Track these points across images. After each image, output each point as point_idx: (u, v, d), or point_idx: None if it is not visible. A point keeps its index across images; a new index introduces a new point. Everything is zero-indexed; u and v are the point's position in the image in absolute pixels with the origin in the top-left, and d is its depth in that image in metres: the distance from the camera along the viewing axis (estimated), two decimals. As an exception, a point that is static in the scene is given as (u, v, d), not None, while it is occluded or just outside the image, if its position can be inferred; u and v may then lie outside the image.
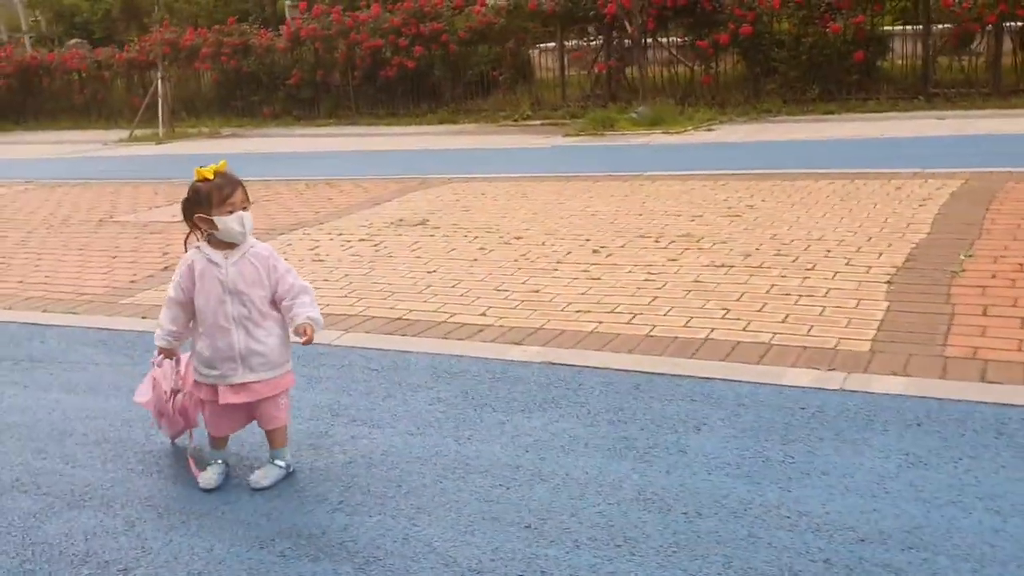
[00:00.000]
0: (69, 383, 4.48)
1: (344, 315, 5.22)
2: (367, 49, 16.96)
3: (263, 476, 3.36)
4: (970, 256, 5.17)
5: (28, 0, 35.26)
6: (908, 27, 13.32)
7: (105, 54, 21.01)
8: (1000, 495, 2.85)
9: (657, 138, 11.64)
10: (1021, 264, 4.95)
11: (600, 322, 4.72)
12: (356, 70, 17.34)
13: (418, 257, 6.35)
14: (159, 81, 17.19)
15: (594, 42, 15.86)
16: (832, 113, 12.57)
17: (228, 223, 3.22)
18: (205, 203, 3.23)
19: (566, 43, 16.06)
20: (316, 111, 18.14)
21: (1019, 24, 12.46)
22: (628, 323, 4.67)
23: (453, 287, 5.57)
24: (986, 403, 3.43)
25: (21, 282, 6.55)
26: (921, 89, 12.73)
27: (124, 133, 17.95)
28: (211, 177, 3.24)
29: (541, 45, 16.93)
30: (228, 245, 3.29)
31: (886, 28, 13.43)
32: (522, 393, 3.93)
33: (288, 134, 16.35)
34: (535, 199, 8.04)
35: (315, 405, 4.00)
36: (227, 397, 3.33)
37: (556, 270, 5.73)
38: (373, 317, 5.14)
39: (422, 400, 3.97)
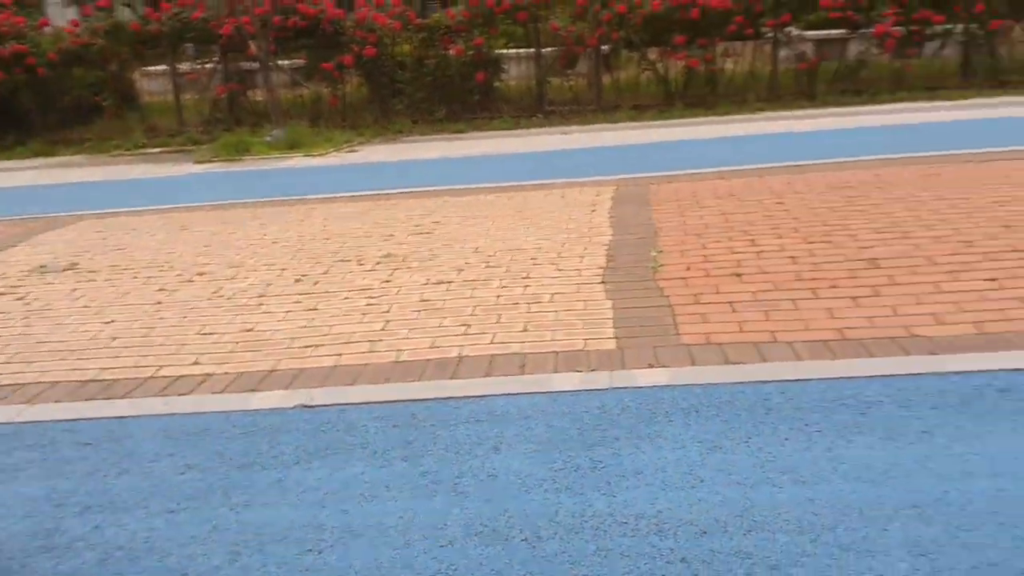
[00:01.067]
0: None
1: (15, 384, 4.31)
2: (-72, 75, 14.44)
3: None
4: (660, 252, 5.60)
5: None
6: (521, 50, 14.28)
7: None
8: (796, 466, 3.06)
9: (301, 161, 11.26)
10: (704, 256, 5.46)
11: (339, 355, 4.39)
12: (-86, 99, 14.69)
13: (85, 307, 5.46)
14: None
15: (209, 64, 14.98)
16: (462, 131, 13.07)
17: None
18: None
19: (179, 66, 14.98)
20: None
21: (607, 48, 13.93)
22: (371, 352, 4.39)
23: (146, 336, 4.86)
24: (742, 383, 3.70)
25: None
26: (538, 107, 13.73)
27: None
28: None
29: (149, 68, 15.64)
30: None
31: (501, 51, 14.29)
32: (288, 444, 3.51)
33: None
34: (198, 230, 7.34)
35: (26, 498, 3.23)
36: None
37: (262, 305, 5.24)
38: (57, 383, 4.31)
39: (168, 470, 3.37)
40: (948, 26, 12.88)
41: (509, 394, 3.78)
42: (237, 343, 4.66)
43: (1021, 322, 4.08)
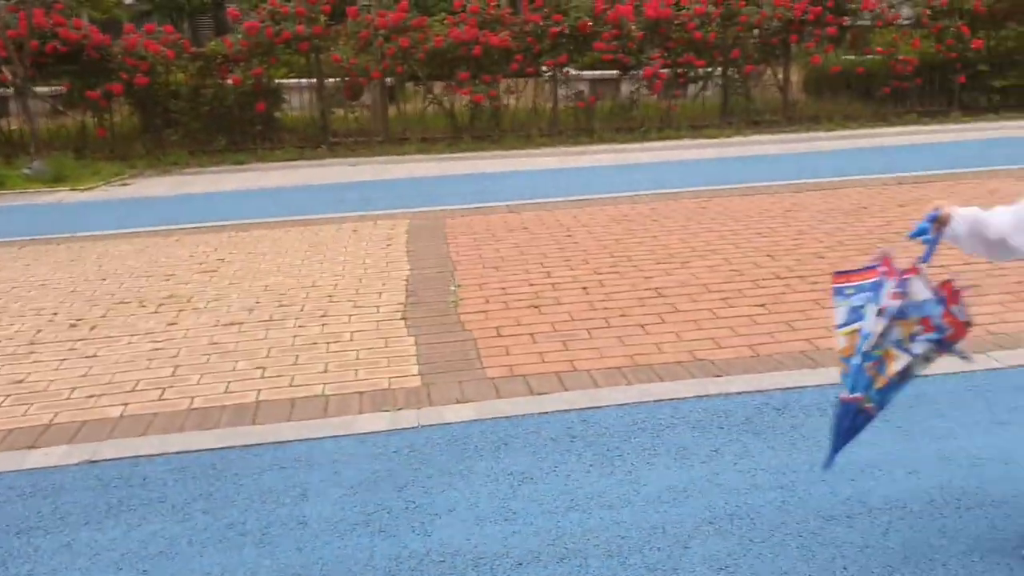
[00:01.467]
0: None
1: None
2: None
3: None
4: (459, 286, 5.67)
5: None
6: (303, 80, 14.06)
7: None
8: (602, 492, 3.19)
9: (67, 196, 10.47)
10: (503, 288, 5.60)
11: (126, 404, 4.11)
12: None
13: None
14: None
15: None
16: (243, 163, 12.65)
17: None
18: None
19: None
20: None
21: (391, 80, 14.00)
22: (160, 399, 4.15)
23: None
24: (547, 413, 3.81)
25: None
26: (322, 138, 13.54)
27: None
28: None
29: None
30: None
31: (282, 81, 14.00)
32: (74, 503, 3.24)
33: None
34: (-50, 273, 6.65)
35: None
36: None
37: (33, 353, 4.82)
38: None
39: (-69, 544, 3.02)
40: (708, 70, 14.00)
41: (314, 439, 3.69)
42: (6, 396, 4.25)
43: (788, 344, 4.47)
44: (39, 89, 13.26)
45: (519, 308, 5.21)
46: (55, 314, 5.51)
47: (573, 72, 14.02)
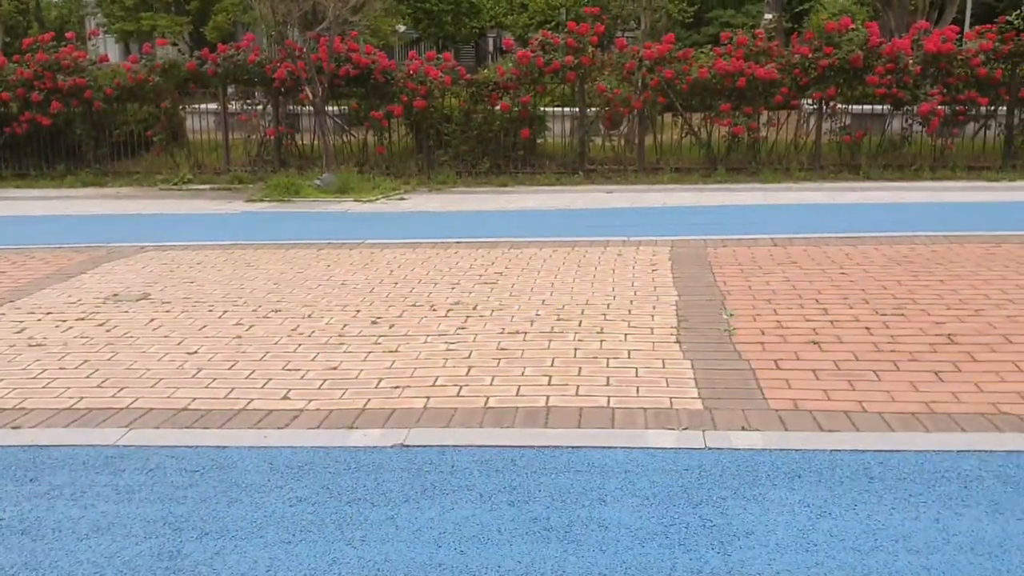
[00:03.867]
0: None
1: (111, 408, 4.40)
2: (-12, 102, 14.77)
3: None
4: (732, 315, 5.68)
5: None
6: (565, 108, 14.54)
7: None
8: (907, 535, 3.10)
9: (352, 206, 11.44)
10: (777, 321, 5.55)
11: (428, 397, 4.46)
12: (-29, 125, 15.00)
13: (166, 336, 5.56)
14: None
15: (259, 106, 15.29)
16: (506, 185, 13.26)
17: None
18: None
19: (230, 106, 15.29)
20: (-83, 169, 15.36)
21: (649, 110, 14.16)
22: (458, 396, 4.47)
23: (231, 368, 4.95)
24: (839, 451, 3.75)
25: None
26: (579, 165, 13.93)
27: None
28: None
29: (195, 106, 15.96)
30: None
31: (546, 109, 14.54)
32: (394, 482, 3.57)
33: None
34: (264, 268, 7.47)
35: (145, 520, 3.29)
36: None
37: (343, 344, 5.34)
38: (151, 409, 4.39)
39: (278, 501, 3.44)
40: (991, 108, 13.09)
41: (604, 447, 3.84)
42: (324, 380, 4.74)
43: (1108, 405, 4.13)
44: (329, 108, 14.58)
45: (797, 342, 5.14)
46: (358, 311, 6.05)
47: (840, 106, 13.57)
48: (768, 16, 23.99)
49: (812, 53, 13.06)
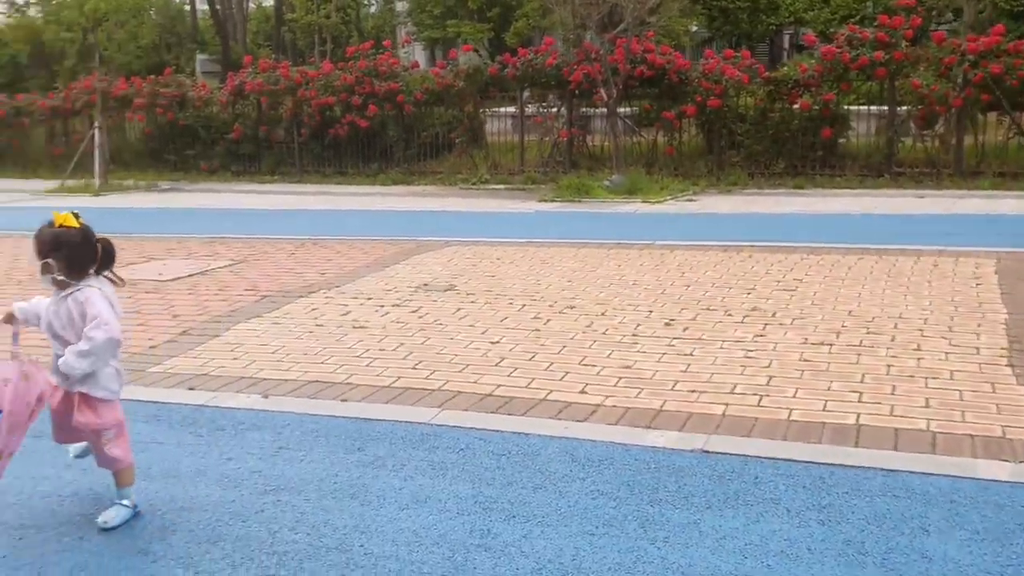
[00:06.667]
0: (138, 467, 3.82)
1: (424, 389, 4.70)
2: (316, 106, 16.43)
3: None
4: (1076, 339, 5.06)
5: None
6: (872, 107, 13.69)
7: (25, 100, 19.78)
8: None
9: (640, 207, 11.50)
10: None
11: (726, 404, 4.36)
12: (303, 127, 16.76)
13: (471, 326, 5.87)
14: (96, 130, 16.19)
15: (554, 108, 15.78)
16: (802, 187, 12.71)
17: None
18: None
19: (526, 108, 15.92)
20: (257, 167, 17.41)
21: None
22: (758, 406, 4.33)
23: (531, 359, 5.12)
24: None
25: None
26: (886, 167, 13.04)
27: (45, 183, 16.79)
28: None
29: (494, 109, 16.78)
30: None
31: (849, 107, 13.78)
32: (695, 487, 3.51)
33: (234, 189, 15.58)
34: (558, 265, 7.68)
35: (457, 497, 3.48)
36: None
37: (636, 344, 5.36)
38: (460, 392, 4.64)
39: (579, 493, 3.50)
40: None
41: (926, 473, 3.54)
42: (619, 378, 4.78)
43: None
44: (621, 110, 14.73)
45: None
46: (650, 312, 6.05)
47: None
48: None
49: None
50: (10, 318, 3.45)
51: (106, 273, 3.39)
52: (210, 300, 6.82)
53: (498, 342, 5.49)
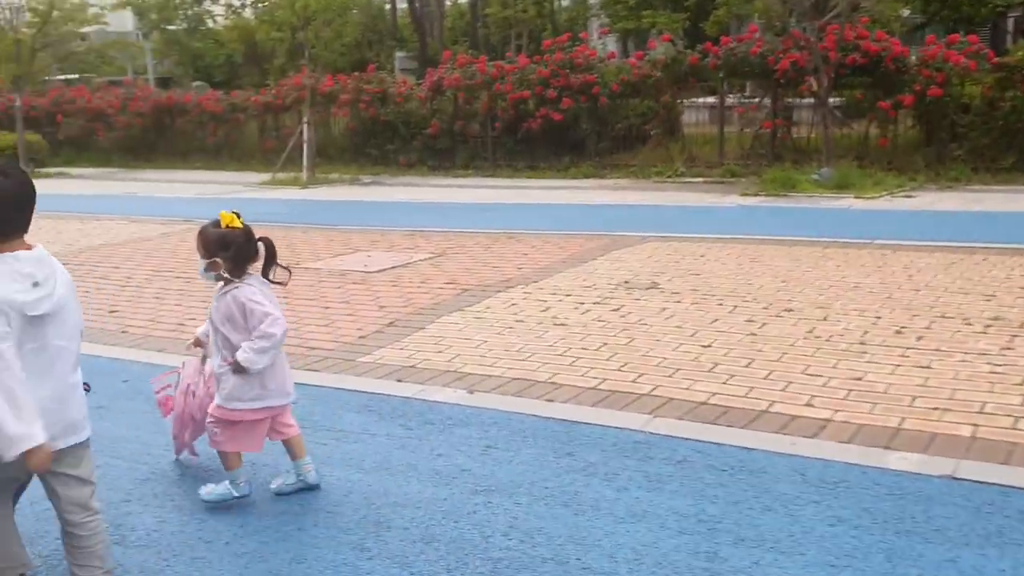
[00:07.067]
0: (351, 458, 3.84)
1: (632, 393, 4.49)
2: (511, 100, 16.53)
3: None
4: None
5: (156, 43, 36.32)
6: None
7: (240, 96, 21.09)
8: None
9: (853, 203, 10.78)
10: None
11: (975, 425, 3.90)
12: (497, 121, 16.92)
13: (678, 327, 5.61)
14: (305, 126, 17.01)
15: (756, 99, 15.14)
16: (1035, 184, 11.55)
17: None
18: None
19: (727, 99, 15.36)
20: (452, 162, 17.74)
21: None
22: (1013, 428, 3.84)
23: (747, 366, 4.80)
24: None
25: (236, 331, 6.02)
26: None
27: (258, 176, 17.82)
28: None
29: (692, 100, 16.30)
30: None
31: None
32: (948, 519, 3.12)
33: (431, 184, 15.94)
34: (769, 264, 7.27)
35: (677, 513, 3.25)
36: None
37: (865, 353, 4.92)
38: (671, 399, 4.40)
39: (814, 518, 3.18)
40: None
41: None
42: (849, 391, 4.38)
43: None
44: (830, 100, 13.92)
45: None
46: (877, 318, 5.57)
47: None
48: None
49: None
50: (198, 342, 3.73)
51: (272, 270, 3.50)
52: (413, 292, 6.90)
53: (709, 346, 5.20)
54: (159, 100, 22.08)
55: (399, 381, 4.82)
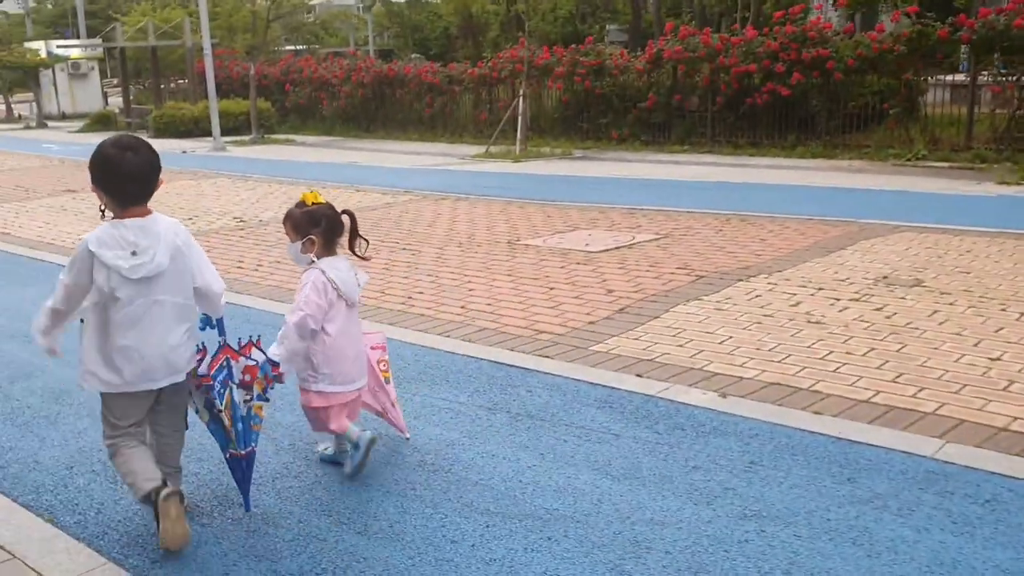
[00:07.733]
0: (596, 460, 3.51)
1: (914, 411, 3.90)
2: (735, 74, 15.68)
3: None
4: None
5: (378, 15, 37.60)
6: None
7: (457, 69, 21.31)
8: None
9: None
10: None
11: None
12: (719, 95, 16.12)
13: (956, 334, 4.90)
14: (521, 99, 16.91)
15: (1013, 77, 13.56)
16: None
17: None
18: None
19: (980, 77, 13.86)
20: (666, 136, 17.11)
21: None
22: None
23: (1052, 388, 4.09)
24: None
25: (464, 308, 5.86)
26: None
27: (470, 148, 17.92)
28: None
29: (938, 77, 14.84)
30: None
31: None
32: None
33: (645, 159, 15.41)
34: (1053, 266, 6.33)
35: (998, 568, 2.70)
36: None
37: None
38: (963, 421, 3.77)
39: None
40: None
41: None
42: None
43: None
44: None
45: None
46: None
47: None
48: None
49: None
50: None
51: (357, 242, 3.48)
52: (642, 276, 6.49)
53: (999, 358, 4.49)
54: (380, 71, 22.69)
55: (639, 376, 4.44)
